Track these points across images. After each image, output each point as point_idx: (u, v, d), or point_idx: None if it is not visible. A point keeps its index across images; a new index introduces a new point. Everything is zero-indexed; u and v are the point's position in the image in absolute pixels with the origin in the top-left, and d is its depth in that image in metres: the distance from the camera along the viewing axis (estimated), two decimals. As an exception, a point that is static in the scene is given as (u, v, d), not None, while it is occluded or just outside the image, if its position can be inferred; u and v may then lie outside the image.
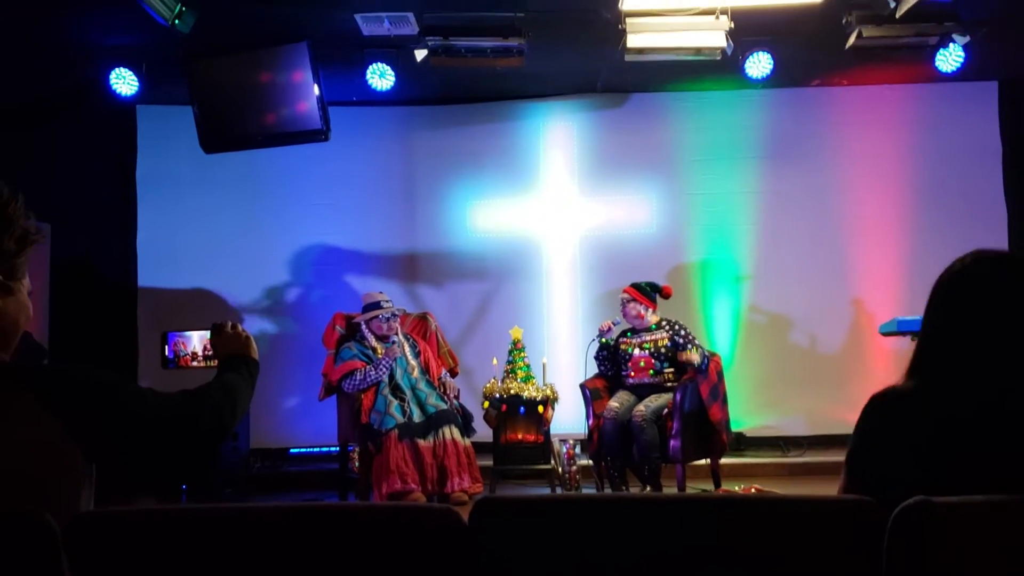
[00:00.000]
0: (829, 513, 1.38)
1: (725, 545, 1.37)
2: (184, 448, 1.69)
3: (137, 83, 6.02)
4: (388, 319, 5.68)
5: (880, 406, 1.63)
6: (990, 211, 6.78)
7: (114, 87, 6.01)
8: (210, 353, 2.16)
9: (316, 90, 5.37)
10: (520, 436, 5.72)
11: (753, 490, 3.89)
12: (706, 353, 5.38)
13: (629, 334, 5.59)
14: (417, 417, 5.42)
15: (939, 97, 6.81)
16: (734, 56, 5.71)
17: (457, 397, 5.75)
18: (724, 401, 5.44)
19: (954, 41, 5.67)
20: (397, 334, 5.69)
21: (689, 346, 5.33)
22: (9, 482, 1.43)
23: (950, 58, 5.86)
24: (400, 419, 5.34)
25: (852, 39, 5.49)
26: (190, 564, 1.38)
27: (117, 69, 5.98)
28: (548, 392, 5.73)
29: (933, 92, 6.80)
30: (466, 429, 5.55)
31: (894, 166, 6.87)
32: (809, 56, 6.25)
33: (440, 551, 1.34)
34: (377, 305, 5.71)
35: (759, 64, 5.97)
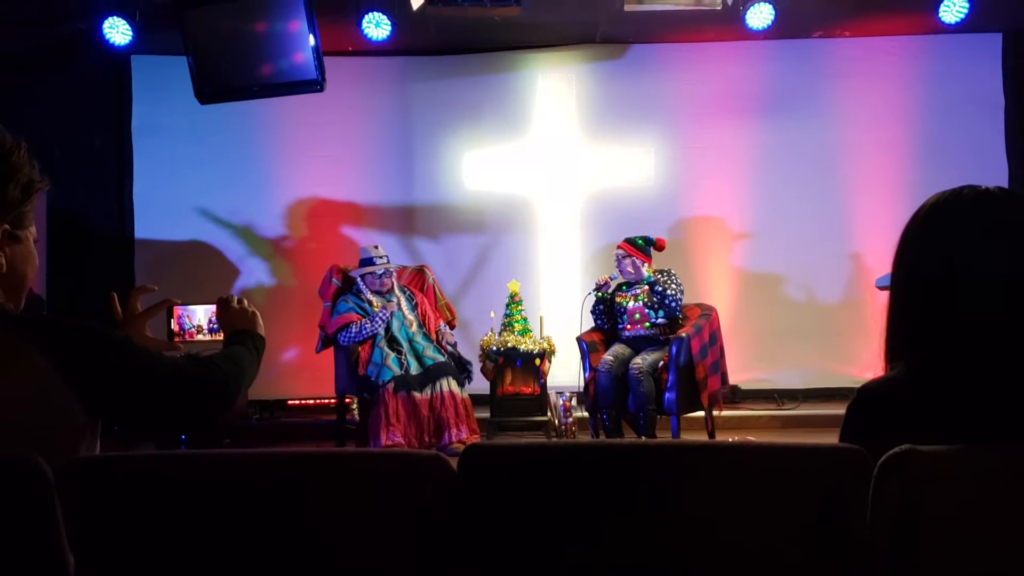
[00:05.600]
0: (816, 461, 1.38)
1: (714, 492, 1.37)
2: (185, 412, 1.68)
3: (131, 32, 5.95)
4: (380, 276, 5.68)
5: (871, 403, 1.49)
6: (991, 166, 6.72)
7: (107, 36, 5.94)
8: (215, 326, 2.16)
9: (312, 40, 5.30)
10: (517, 388, 5.77)
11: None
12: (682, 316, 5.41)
13: (624, 288, 5.61)
14: (414, 369, 5.45)
15: (942, 49, 6.73)
16: (735, 6, 5.64)
17: (454, 347, 5.77)
18: (714, 366, 5.42)
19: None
20: (393, 290, 5.69)
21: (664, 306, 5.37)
22: (6, 431, 1.43)
23: (954, 9, 5.79)
24: (397, 371, 5.37)
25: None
26: (184, 509, 1.38)
27: (110, 18, 5.91)
28: (545, 345, 5.77)
29: (936, 44, 6.72)
30: (462, 375, 5.57)
31: (895, 119, 6.81)
32: (811, 6, 6.17)
33: (428, 497, 1.35)
34: (371, 261, 5.71)
35: (760, 14, 5.91)
